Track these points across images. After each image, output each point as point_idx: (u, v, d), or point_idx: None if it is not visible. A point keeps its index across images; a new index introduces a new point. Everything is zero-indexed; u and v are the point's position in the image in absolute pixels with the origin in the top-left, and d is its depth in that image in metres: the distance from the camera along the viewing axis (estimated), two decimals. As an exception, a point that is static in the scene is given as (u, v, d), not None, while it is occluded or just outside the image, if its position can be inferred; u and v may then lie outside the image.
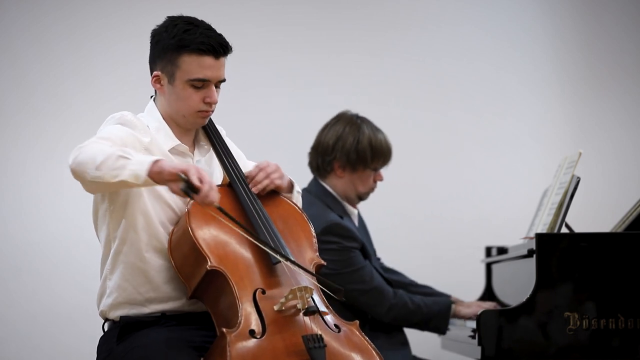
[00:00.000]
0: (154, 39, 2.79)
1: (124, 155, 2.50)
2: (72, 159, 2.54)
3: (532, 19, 5.14)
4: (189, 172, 2.47)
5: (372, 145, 3.84)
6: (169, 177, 2.48)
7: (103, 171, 2.49)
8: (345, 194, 3.88)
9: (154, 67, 2.79)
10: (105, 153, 2.51)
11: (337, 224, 3.75)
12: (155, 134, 2.76)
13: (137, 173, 2.48)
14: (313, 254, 2.80)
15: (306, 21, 4.91)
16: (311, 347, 2.54)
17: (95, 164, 2.50)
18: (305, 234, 2.82)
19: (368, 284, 3.73)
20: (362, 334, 2.69)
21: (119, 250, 2.74)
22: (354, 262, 3.74)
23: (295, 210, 2.86)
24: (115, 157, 2.50)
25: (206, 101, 2.75)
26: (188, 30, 2.71)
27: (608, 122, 5.12)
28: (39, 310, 4.42)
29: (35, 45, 4.52)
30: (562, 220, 3.39)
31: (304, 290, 2.60)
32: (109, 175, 2.49)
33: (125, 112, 2.76)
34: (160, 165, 2.49)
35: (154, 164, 2.49)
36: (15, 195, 4.48)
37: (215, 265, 2.61)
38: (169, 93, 2.76)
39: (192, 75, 2.72)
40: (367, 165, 3.85)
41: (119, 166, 2.49)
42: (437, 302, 3.79)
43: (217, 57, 2.73)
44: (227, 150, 2.86)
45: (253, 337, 2.55)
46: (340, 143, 3.85)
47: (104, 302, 2.78)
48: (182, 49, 2.71)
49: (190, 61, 2.71)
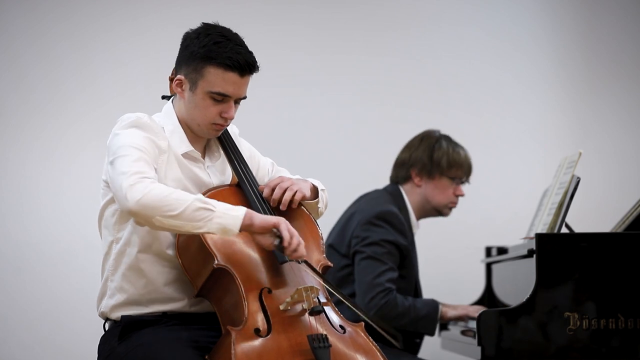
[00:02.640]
0: (184, 43, 2.78)
1: (206, 207, 2.53)
2: (136, 201, 2.51)
3: (532, 19, 5.14)
4: (281, 227, 2.56)
5: (449, 154, 3.89)
6: (260, 230, 2.57)
7: (182, 221, 2.52)
8: (420, 206, 3.92)
9: (179, 71, 2.78)
10: (182, 201, 2.52)
11: (393, 213, 3.78)
12: (170, 137, 2.76)
13: (227, 227, 2.54)
14: (320, 255, 2.81)
15: (306, 21, 4.91)
16: (316, 346, 2.55)
17: (170, 212, 2.51)
18: (313, 235, 2.83)
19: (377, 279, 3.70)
20: (367, 336, 2.70)
21: (122, 251, 2.74)
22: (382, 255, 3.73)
23: (303, 213, 2.87)
24: (196, 207, 2.52)
25: (223, 115, 2.75)
26: (219, 42, 2.71)
27: (608, 122, 5.12)
28: (39, 310, 4.42)
29: (35, 45, 4.52)
30: (562, 220, 3.39)
31: (309, 290, 2.62)
32: (190, 225, 2.53)
33: (141, 114, 2.74)
34: (251, 219, 2.56)
35: (245, 217, 2.55)
36: (15, 195, 4.48)
37: (222, 264, 2.62)
38: (189, 100, 2.77)
39: (214, 88, 2.72)
40: (443, 172, 3.87)
41: (202, 218, 2.52)
42: (426, 304, 3.79)
43: (242, 75, 2.74)
44: (237, 152, 2.88)
45: (258, 335, 2.56)
46: (416, 152, 3.92)
47: (104, 303, 2.79)
48: (209, 60, 2.71)
49: (215, 73, 2.71)
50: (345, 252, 3.83)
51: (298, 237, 2.58)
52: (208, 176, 2.83)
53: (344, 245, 3.83)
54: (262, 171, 2.99)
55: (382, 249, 3.73)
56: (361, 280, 3.72)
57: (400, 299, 3.71)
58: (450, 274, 4.79)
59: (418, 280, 3.93)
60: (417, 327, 3.76)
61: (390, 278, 3.72)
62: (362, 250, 3.74)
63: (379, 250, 3.72)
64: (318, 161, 4.78)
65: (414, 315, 3.72)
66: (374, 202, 3.86)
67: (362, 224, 3.77)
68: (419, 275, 3.97)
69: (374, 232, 3.74)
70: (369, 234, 3.74)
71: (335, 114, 4.92)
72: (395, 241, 3.75)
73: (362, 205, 3.87)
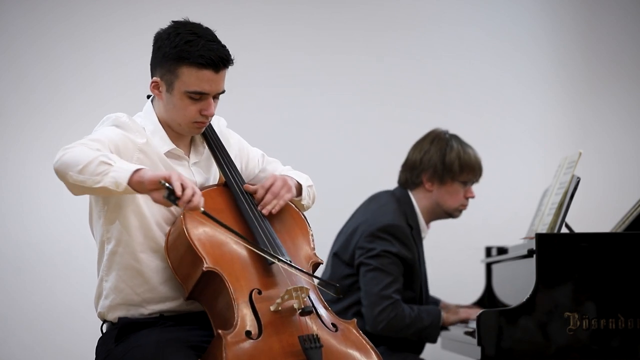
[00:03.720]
0: (156, 44, 2.77)
1: (107, 161, 2.49)
2: (56, 159, 2.54)
3: (532, 19, 5.14)
4: (171, 178, 2.45)
5: (460, 157, 3.87)
6: (151, 185, 2.47)
7: (85, 175, 2.49)
8: (431, 209, 3.91)
9: (154, 72, 2.77)
10: (88, 157, 2.50)
11: (397, 226, 3.78)
12: (151, 136, 2.75)
13: (118, 180, 2.47)
14: (310, 251, 2.80)
15: (306, 21, 4.91)
16: (307, 347, 2.54)
17: (77, 167, 2.49)
18: (302, 231, 2.82)
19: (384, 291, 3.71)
20: (360, 332, 2.70)
21: (115, 251, 2.73)
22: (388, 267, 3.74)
23: (292, 209, 2.86)
24: (98, 162, 2.49)
25: (203, 113, 2.73)
26: (190, 41, 2.69)
27: (608, 122, 5.12)
28: (39, 310, 4.42)
29: (35, 45, 4.52)
30: (562, 220, 3.39)
31: (299, 290, 2.60)
32: (91, 180, 2.49)
33: (120, 114, 2.75)
34: (142, 174, 2.48)
35: (135, 172, 2.48)
36: (15, 195, 4.48)
37: (211, 267, 2.61)
38: (167, 101, 2.75)
39: (190, 88, 2.70)
40: (455, 177, 3.86)
41: (100, 172, 2.48)
42: (429, 313, 3.79)
43: (217, 71, 2.71)
44: (223, 150, 2.85)
45: (249, 338, 2.55)
46: (428, 156, 3.88)
47: (101, 304, 2.78)
48: (182, 60, 2.68)
49: (189, 73, 2.69)
50: (348, 261, 3.83)
51: (192, 188, 2.47)
52: (192, 174, 2.80)
53: (347, 254, 3.84)
54: (252, 163, 2.96)
55: (387, 260, 3.73)
56: (369, 292, 3.73)
57: (407, 311, 3.72)
58: (450, 274, 4.78)
59: (425, 289, 3.93)
60: (421, 336, 3.79)
61: (397, 289, 3.74)
62: (368, 263, 3.75)
63: (384, 261, 3.73)
64: (318, 161, 4.78)
65: (420, 325, 3.74)
66: (380, 212, 3.85)
67: (366, 235, 3.78)
68: (427, 284, 3.97)
69: (377, 244, 3.75)
70: (374, 246, 3.74)
71: (335, 114, 4.92)
72: (399, 253, 3.75)
73: (368, 216, 3.86)
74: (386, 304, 3.69)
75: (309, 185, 2.94)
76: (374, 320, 3.69)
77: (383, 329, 3.69)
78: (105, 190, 2.49)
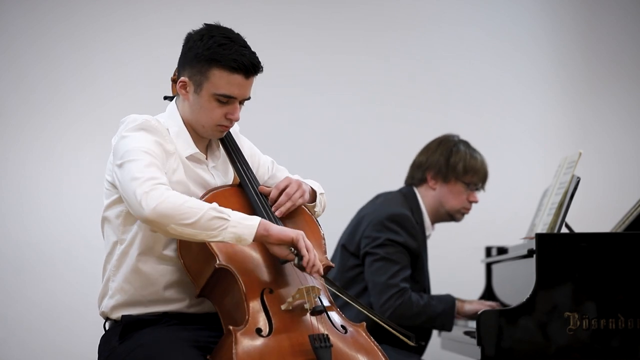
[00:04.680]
0: (187, 44, 2.77)
1: (221, 216, 2.53)
2: (152, 208, 2.51)
3: (532, 19, 5.14)
4: (299, 244, 2.57)
5: (466, 160, 3.91)
6: (277, 242, 2.58)
7: (196, 230, 2.52)
8: (434, 209, 3.93)
9: (182, 73, 2.77)
10: (197, 210, 2.52)
11: (406, 217, 3.79)
12: (175, 139, 2.76)
13: (241, 237, 2.55)
14: (322, 255, 2.80)
15: (306, 21, 4.91)
16: (317, 346, 2.55)
17: (185, 220, 2.51)
18: (315, 235, 2.82)
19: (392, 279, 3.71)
20: (369, 335, 2.71)
21: (126, 252, 2.75)
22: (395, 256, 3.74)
23: (305, 212, 2.88)
24: (211, 217, 2.52)
25: (228, 117, 2.75)
26: (224, 44, 2.71)
27: (608, 122, 5.12)
28: (39, 310, 4.42)
29: (35, 45, 4.52)
30: (562, 220, 3.39)
31: (311, 290, 2.62)
32: (205, 234, 2.53)
33: (148, 117, 2.73)
34: (266, 229, 2.56)
35: (259, 227, 2.55)
36: (15, 195, 4.48)
37: (224, 264, 2.62)
38: (193, 102, 2.76)
39: (220, 90, 2.72)
40: (458, 177, 3.89)
41: (217, 227, 2.53)
42: (441, 300, 3.79)
43: (247, 77, 2.74)
44: (239, 152, 2.88)
45: (260, 335, 2.56)
46: (434, 155, 3.93)
47: (105, 303, 2.79)
48: (214, 62, 2.70)
49: (220, 76, 2.71)
50: (354, 251, 3.83)
51: (314, 252, 2.59)
52: (212, 177, 2.83)
53: (353, 244, 3.84)
54: (262, 169, 2.99)
55: (394, 249, 3.74)
56: (375, 282, 3.73)
57: (415, 298, 3.72)
58: (450, 274, 4.78)
59: (428, 284, 3.93)
60: (435, 324, 3.78)
61: (405, 277, 3.74)
62: (374, 252, 3.75)
63: (390, 250, 3.74)
64: (318, 161, 4.78)
65: (431, 312, 3.73)
66: (386, 203, 3.87)
67: (373, 224, 3.79)
68: (429, 280, 3.97)
69: (384, 233, 3.75)
70: (380, 235, 3.75)
71: (335, 114, 4.92)
72: (405, 243, 3.76)
73: (375, 207, 3.88)
74: (392, 292, 3.69)
75: (321, 193, 2.98)
76: (380, 308, 3.68)
77: (390, 318, 3.68)
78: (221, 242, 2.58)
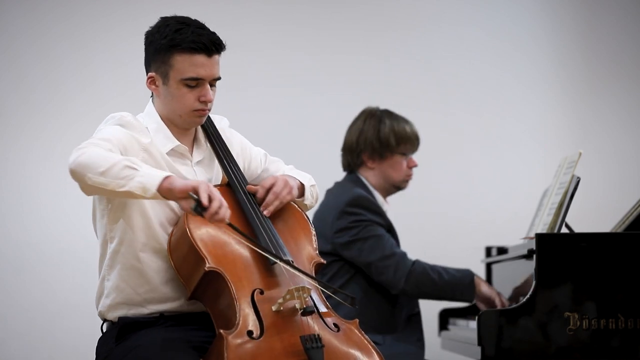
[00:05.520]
0: (147, 40, 2.79)
1: (132, 166, 2.51)
2: (73, 160, 2.54)
3: (532, 19, 5.14)
4: (200, 189, 2.48)
5: (395, 130, 3.90)
6: (180, 194, 2.49)
7: (108, 178, 2.50)
8: (380, 186, 3.93)
9: (149, 69, 2.79)
10: (111, 160, 2.51)
11: (364, 197, 3.79)
12: (154, 135, 2.75)
13: (146, 186, 2.49)
14: (313, 252, 2.80)
15: (306, 21, 4.91)
16: (309, 347, 2.54)
17: (99, 169, 2.50)
18: (305, 232, 2.82)
19: (388, 250, 3.71)
20: (362, 332, 2.70)
21: (117, 250, 2.74)
22: (375, 231, 3.74)
23: (294, 209, 2.86)
24: (122, 166, 2.50)
25: (201, 100, 2.74)
26: (179, 29, 2.71)
27: (608, 122, 5.12)
28: (39, 310, 4.42)
29: (35, 45, 4.52)
30: (562, 220, 3.39)
31: (301, 290, 2.60)
32: (114, 183, 2.50)
33: (125, 113, 2.75)
34: (171, 181, 2.50)
35: (165, 179, 2.50)
36: (15, 195, 4.48)
37: (213, 266, 2.61)
38: (164, 94, 2.76)
39: (185, 74, 2.71)
40: (393, 150, 3.89)
41: (125, 176, 2.50)
42: (459, 270, 3.78)
43: (209, 55, 2.72)
44: (226, 150, 2.85)
45: (251, 338, 2.55)
46: (363, 135, 3.92)
47: (102, 303, 2.78)
48: (173, 48, 2.70)
49: (182, 60, 2.70)
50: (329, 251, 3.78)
51: (220, 200, 2.50)
52: (194, 174, 2.80)
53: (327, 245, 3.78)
54: (255, 162, 2.96)
55: (367, 227, 3.72)
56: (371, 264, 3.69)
57: (428, 265, 3.71)
58: (450, 274, 4.78)
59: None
60: (454, 294, 3.74)
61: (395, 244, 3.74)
62: (349, 240, 3.73)
63: (365, 229, 3.72)
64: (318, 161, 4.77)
65: (450, 279, 3.71)
66: (339, 194, 3.85)
67: (337, 216, 3.77)
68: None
69: (349, 218, 3.74)
70: (348, 223, 3.73)
71: (335, 114, 4.92)
72: (374, 220, 3.75)
73: (330, 203, 3.86)
74: (393, 261, 3.68)
75: (311, 185, 2.95)
76: (396, 283, 3.67)
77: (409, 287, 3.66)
78: (129, 194, 2.51)
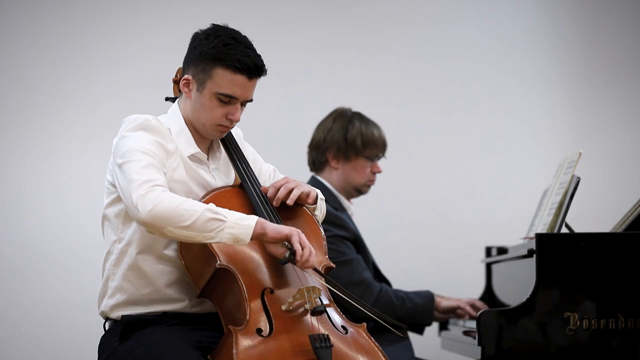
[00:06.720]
0: (193, 43, 2.79)
1: (217, 217, 2.54)
2: (148, 212, 2.52)
3: (532, 19, 5.14)
4: (292, 239, 2.56)
5: (362, 134, 3.88)
6: (272, 240, 2.58)
7: (193, 232, 2.53)
8: (342, 187, 3.90)
9: (187, 71, 2.79)
10: (192, 211, 2.53)
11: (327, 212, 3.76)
12: (176, 138, 2.77)
13: (238, 237, 2.55)
14: (322, 256, 2.81)
15: (306, 21, 4.91)
16: (318, 346, 2.55)
17: (181, 223, 2.52)
18: (315, 236, 2.83)
19: (356, 276, 3.71)
20: (369, 336, 2.71)
21: (124, 251, 2.75)
22: (344, 252, 3.73)
23: (307, 214, 2.88)
24: (207, 218, 2.53)
25: (228, 117, 2.77)
26: (229, 44, 2.72)
27: (608, 122, 5.12)
28: (39, 310, 4.43)
29: (35, 45, 4.52)
30: (562, 220, 3.39)
31: (311, 291, 2.62)
32: (202, 236, 2.54)
33: (149, 117, 2.74)
34: (263, 228, 2.57)
35: (257, 227, 2.56)
36: (15, 195, 4.48)
37: (224, 264, 2.63)
38: (195, 100, 2.77)
39: (222, 90, 2.73)
40: (358, 153, 3.87)
41: (213, 229, 2.54)
42: (420, 295, 3.80)
43: (250, 78, 2.75)
44: (241, 155, 2.88)
45: (260, 335, 2.57)
46: (331, 134, 3.90)
47: (105, 303, 2.79)
48: (218, 61, 2.72)
49: (223, 75, 2.72)
50: None
51: (309, 248, 2.59)
52: (213, 178, 2.83)
53: None
54: (264, 176, 2.99)
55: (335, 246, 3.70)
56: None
57: (392, 291, 3.73)
58: (450, 274, 4.79)
59: (375, 264, 3.92)
60: (415, 318, 3.77)
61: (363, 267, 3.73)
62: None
63: (334, 248, 3.69)
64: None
65: (411, 306, 3.73)
66: None
67: None
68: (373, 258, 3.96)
69: None
70: None
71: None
72: (338, 235, 3.74)
73: None
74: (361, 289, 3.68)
75: (321, 198, 2.98)
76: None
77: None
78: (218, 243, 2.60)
